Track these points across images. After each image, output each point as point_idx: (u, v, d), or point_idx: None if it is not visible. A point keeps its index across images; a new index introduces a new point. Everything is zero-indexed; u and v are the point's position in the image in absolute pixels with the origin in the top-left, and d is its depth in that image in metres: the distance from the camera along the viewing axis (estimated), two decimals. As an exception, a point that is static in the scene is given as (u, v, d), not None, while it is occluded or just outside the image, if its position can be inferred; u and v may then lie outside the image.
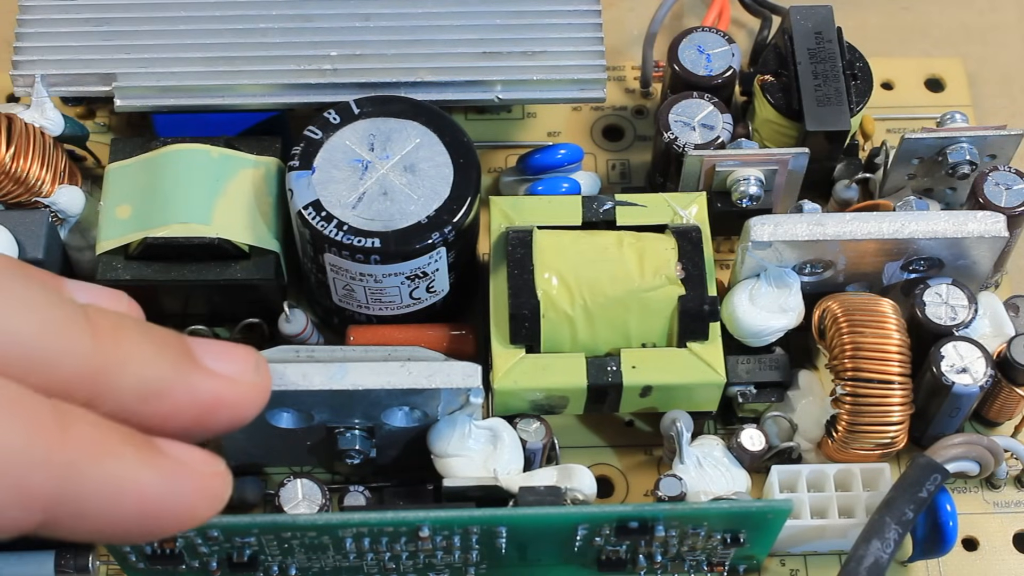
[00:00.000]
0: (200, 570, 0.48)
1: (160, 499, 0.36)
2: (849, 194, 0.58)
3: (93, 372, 0.36)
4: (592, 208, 0.54)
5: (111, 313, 0.37)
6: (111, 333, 0.36)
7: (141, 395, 0.37)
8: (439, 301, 0.54)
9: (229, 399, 0.39)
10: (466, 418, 0.50)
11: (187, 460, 0.37)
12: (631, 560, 0.50)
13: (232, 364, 0.39)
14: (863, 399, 0.51)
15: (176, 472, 0.36)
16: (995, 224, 0.52)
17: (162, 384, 0.37)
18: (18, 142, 0.54)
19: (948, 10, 0.68)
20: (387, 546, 0.47)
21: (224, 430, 0.39)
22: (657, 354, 0.52)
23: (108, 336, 0.36)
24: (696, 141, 0.56)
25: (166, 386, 0.37)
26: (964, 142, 0.56)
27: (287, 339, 0.55)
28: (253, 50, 0.56)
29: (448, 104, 0.56)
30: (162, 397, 0.37)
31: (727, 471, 0.52)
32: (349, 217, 0.51)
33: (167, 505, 0.36)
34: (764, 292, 0.53)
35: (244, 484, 0.53)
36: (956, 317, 0.53)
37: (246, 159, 0.55)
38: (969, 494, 0.55)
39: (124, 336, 0.37)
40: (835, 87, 0.56)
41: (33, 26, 0.57)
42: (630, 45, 0.66)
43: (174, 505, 0.36)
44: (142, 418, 0.37)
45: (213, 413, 0.39)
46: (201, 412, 0.38)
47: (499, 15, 0.57)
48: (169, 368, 0.38)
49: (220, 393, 0.39)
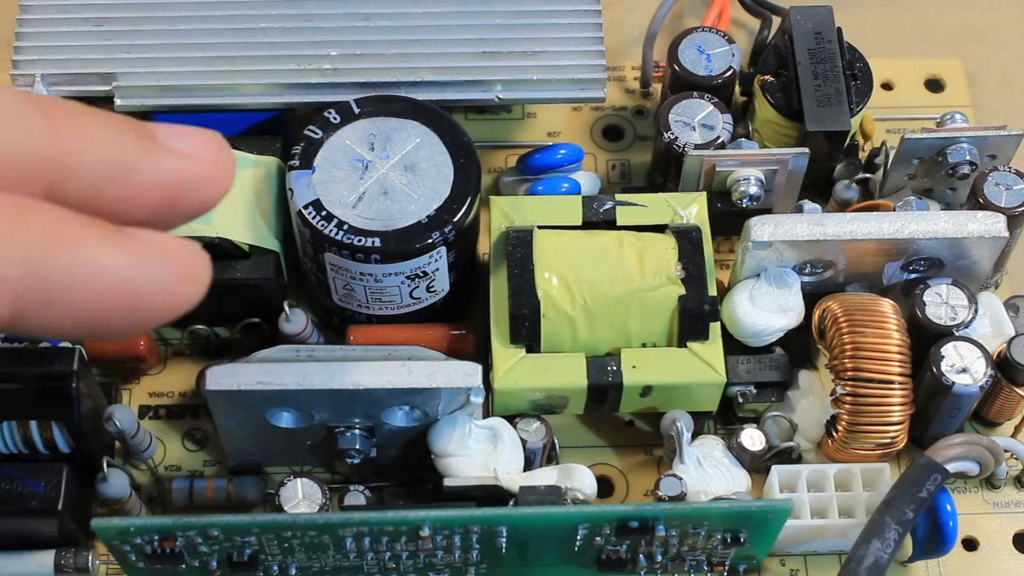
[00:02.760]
0: (200, 569, 0.48)
1: (135, 282, 0.34)
2: (849, 194, 0.58)
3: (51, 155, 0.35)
4: (592, 208, 0.54)
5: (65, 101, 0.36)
6: (66, 117, 0.35)
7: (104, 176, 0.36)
8: (439, 301, 0.54)
9: (195, 176, 0.37)
10: (466, 418, 0.50)
11: (159, 241, 0.35)
12: (631, 560, 0.50)
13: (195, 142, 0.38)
14: (863, 399, 0.51)
15: (148, 253, 0.35)
16: (995, 224, 0.52)
17: (125, 163, 0.36)
18: (18, 141, 0.54)
19: (948, 10, 0.68)
20: (387, 545, 0.47)
21: (193, 213, 0.37)
22: (657, 354, 0.52)
23: (63, 119, 0.35)
24: (696, 141, 0.56)
25: (129, 165, 0.36)
26: (964, 142, 0.56)
27: (287, 339, 0.55)
28: (253, 50, 0.56)
29: (448, 104, 0.56)
30: (126, 176, 0.36)
31: (727, 471, 0.52)
32: (349, 216, 0.51)
33: (144, 289, 0.35)
34: (764, 292, 0.53)
35: (244, 484, 0.53)
36: (956, 317, 0.53)
37: (246, 159, 0.55)
38: (969, 494, 0.55)
39: (80, 119, 0.35)
40: (835, 87, 0.56)
41: (33, 26, 0.57)
42: (630, 45, 0.66)
43: (152, 289, 0.35)
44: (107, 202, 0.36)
45: (180, 192, 0.37)
46: (168, 191, 0.37)
47: (499, 15, 0.57)
48: (132, 146, 0.36)
49: (186, 170, 0.37)
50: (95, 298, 0.34)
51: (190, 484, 0.53)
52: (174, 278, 0.35)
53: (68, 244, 0.33)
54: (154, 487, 0.54)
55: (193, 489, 0.53)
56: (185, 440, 0.55)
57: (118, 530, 0.45)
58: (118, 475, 0.51)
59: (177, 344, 0.57)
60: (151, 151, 0.37)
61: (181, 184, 0.37)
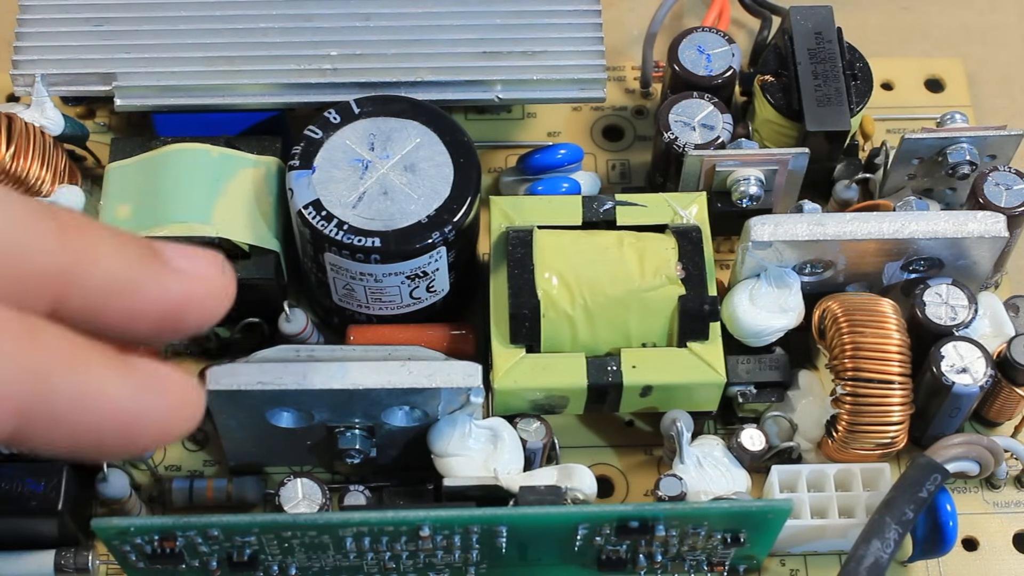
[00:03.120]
0: (200, 569, 0.48)
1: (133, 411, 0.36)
2: (849, 194, 0.58)
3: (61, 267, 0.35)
4: (592, 208, 0.54)
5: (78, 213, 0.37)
6: (78, 230, 0.36)
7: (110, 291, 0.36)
8: (439, 301, 0.54)
9: (197, 296, 0.38)
10: (466, 418, 0.50)
11: (159, 374, 0.37)
12: (631, 560, 0.50)
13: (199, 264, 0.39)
14: (863, 399, 0.51)
15: (148, 384, 0.36)
16: (995, 224, 0.52)
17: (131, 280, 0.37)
18: (18, 142, 0.54)
19: (948, 10, 0.68)
20: (387, 545, 0.47)
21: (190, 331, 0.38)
22: (657, 354, 0.52)
23: (75, 232, 0.36)
24: (696, 141, 0.56)
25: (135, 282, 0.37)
26: (964, 142, 0.56)
27: (287, 339, 0.54)
28: (253, 50, 0.56)
29: (448, 104, 0.56)
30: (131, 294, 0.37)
31: (727, 471, 0.52)
32: (349, 217, 0.51)
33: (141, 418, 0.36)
34: (764, 292, 0.53)
35: (244, 484, 0.53)
36: (956, 317, 0.53)
37: (246, 159, 0.55)
38: (969, 494, 0.55)
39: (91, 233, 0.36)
40: (835, 87, 0.56)
41: (33, 26, 0.57)
42: (630, 45, 0.66)
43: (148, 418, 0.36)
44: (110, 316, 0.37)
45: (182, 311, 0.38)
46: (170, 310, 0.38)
47: (499, 15, 0.57)
48: (137, 264, 0.37)
49: (189, 290, 0.38)
50: (95, 422, 0.35)
51: (190, 484, 0.53)
52: (170, 411, 0.37)
53: (75, 369, 0.35)
54: (154, 487, 0.54)
55: (193, 489, 0.53)
56: (185, 440, 0.55)
57: (118, 530, 0.45)
58: (118, 475, 0.51)
59: (177, 344, 0.57)
60: (157, 270, 0.38)
61: (183, 304, 0.38)
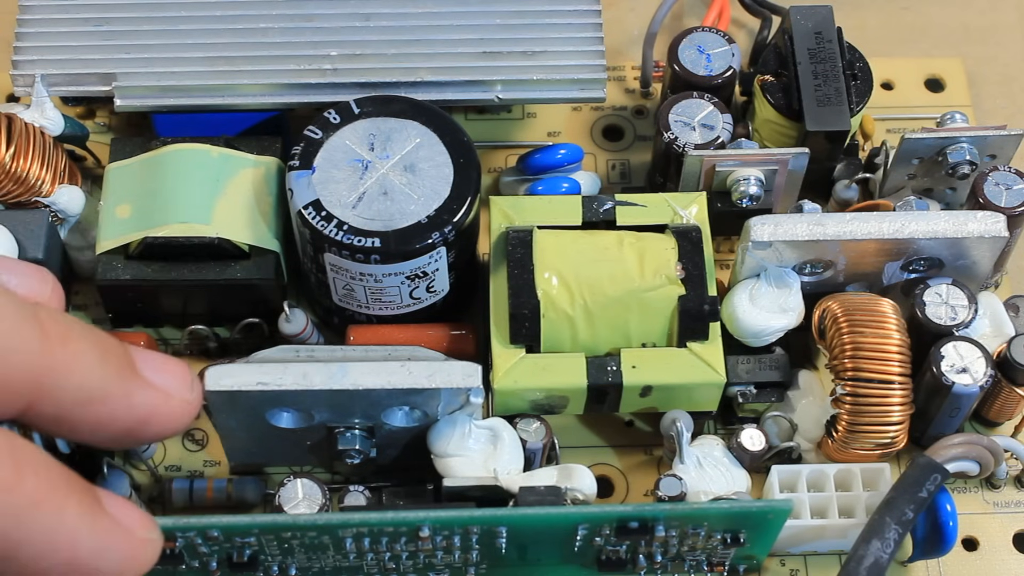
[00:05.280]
0: (200, 570, 0.48)
1: (90, 556, 0.38)
2: (849, 194, 0.58)
3: (39, 373, 0.37)
4: (592, 208, 0.54)
5: (59, 315, 0.39)
6: (60, 336, 0.37)
7: (81, 400, 0.38)
8: (439, 301, 0.54)
9: (162, 413, 0.41)
10: (466, 418, 0.50)
11: (125, 522, 0.39)
12: (631, 560, 0.50)
13: (169, 378, 0.41)
14: (863, 399, 0.51)
15: (111, 533, 0.38)
16: (995, 224, 0.52)
17: (103, 391, 0.39)
18: (18, 142, 0.54)
19: (948, 10, 0.68)
20: (387, 546, 0.47)
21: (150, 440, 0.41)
22: (657, 354, 0.52)
23: (57, 338, 0.37)
24: (696, 141, 0.56)
25: (106, 393, 0.39)
26: (964, 142, 0.56)
27: (287, 339, 0.55)
28: (253, 50, 0.56)
29: (448, 104, 0.56)
30: (101, 403, 0.39)
31: (727, 471, 0.52)
32: (349, 217, 0.51)
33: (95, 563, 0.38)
34: (764, 292, 0.53)
35: (244, 484, 0.53)
36: (956, 317, 0.53)
37: (246, 159, 0.55)
38: (969, 494, 0.55)
39: (72, 340, 0.38)
40: (835, 87, 0.56)
41: (33, 26, 0.57)
42: (630, 45, 0.66)
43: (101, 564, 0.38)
44: (78, 423, 0.39)
45: (145, 424, 0.40)
46: (134, 422, 0.40)
47: (499, 15, 0.57)
48: (112, 376, 0.39)
49: (155, 406, 0.40)
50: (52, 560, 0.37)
51: (190, 484, 0.53)
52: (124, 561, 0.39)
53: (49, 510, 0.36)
54: (154, 487, 0.54)
55: (193, 489, 0.53)
56: (185, 440, 0.55)
57: (118, 530, 0.46)
58: (118, 475, 0.51)
59: (177, 344, 0.57)
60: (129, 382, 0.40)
61: (148, 417, 0.40)
